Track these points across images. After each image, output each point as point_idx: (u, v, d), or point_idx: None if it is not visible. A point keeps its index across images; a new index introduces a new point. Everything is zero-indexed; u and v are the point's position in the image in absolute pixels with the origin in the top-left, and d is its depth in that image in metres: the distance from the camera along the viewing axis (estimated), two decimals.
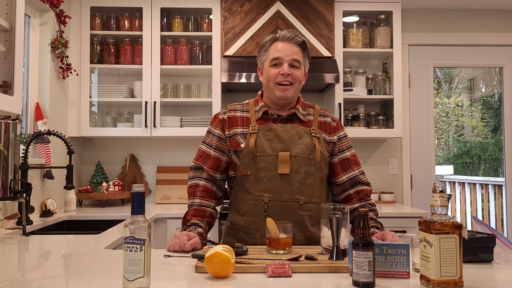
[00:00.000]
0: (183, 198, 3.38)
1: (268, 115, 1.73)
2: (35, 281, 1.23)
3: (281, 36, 1.70)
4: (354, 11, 3.35)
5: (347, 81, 3.36)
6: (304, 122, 1.73)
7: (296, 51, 1.69)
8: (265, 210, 1.61)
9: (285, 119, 1.72)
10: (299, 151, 1.64)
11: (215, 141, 1.73)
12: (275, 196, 1.62)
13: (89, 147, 3.51)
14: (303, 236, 1.63)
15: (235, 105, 1.79)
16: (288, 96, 1.68)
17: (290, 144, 1.64)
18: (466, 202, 5.10)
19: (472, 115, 5.42)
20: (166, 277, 1.22)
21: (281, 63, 1.67)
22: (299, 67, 1.70)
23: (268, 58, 1.71)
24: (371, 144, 3.63)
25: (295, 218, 1.61)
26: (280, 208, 1.61)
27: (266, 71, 1.71)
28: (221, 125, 1.74)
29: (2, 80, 1.79)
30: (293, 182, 1.62)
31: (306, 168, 1.64)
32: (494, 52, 3.73)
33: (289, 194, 1.62)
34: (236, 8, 3.18)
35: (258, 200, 1.63)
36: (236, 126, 1.71)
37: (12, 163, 1.90)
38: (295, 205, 1.62)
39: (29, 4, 2.73)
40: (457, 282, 1.08)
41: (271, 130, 1.67)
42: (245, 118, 1.73)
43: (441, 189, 1.12)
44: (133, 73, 3.43)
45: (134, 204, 1.07)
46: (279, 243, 1.42)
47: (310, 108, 1.79)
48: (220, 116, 1.76)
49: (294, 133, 1.67)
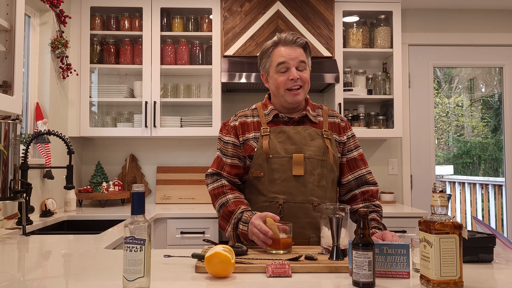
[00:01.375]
0: (183, 198, 3.38)
1: (278, 118, 1.72)
2: (35, 281, 1.23)
3: (283, 40, 1.67)
4: (354, 11, 3.35)
5: (347, 81, 3.36)
6: (315, 123, 1.72)
7: (300, 53, 1.67)
8: (280, 212, 1.61)
9: (296, 121, 1.71)
10: (312, 153, 1.64)
11: (230, 149, 1.71)
12: (290, 197, 1.61)
13: (89, 147, 3.51)
14: (317, 237, 1.61)
15: (245, 111, 1.78)
16: (299, 100, 1.68)
17: (303, 146, 1.64)
18: (466, 202, 5.10)
19: (472, 115, 5.42)
20: (166, 277, 1.22)
21: (288, 68, 1.65)
22: (306, 68, 1.69)
23: (272, 64, 1.68)
24: (371, 144, 3.63)
25: (309, 219, 1.61)
26: (295, 209, 1.61)
27: (273, 79, 1.68)
28: (234, 132, 1.72)
29: (2, 80, 1.79)
30: (307, 183, 1.62)
31: (320, 170, 1.64)
32: (494, 52, 3.73)
33: (303, 196, 1.61)
34: (236, 8, 3.18)
35: (272, 202, 1.62)
36: (248, 132, 1.70)
37: (12, 163, 1.90)
38: (309, 207, 1.62)
39: (29, 4, 2.73)
40: (457, 282, 1.08)
41: (283, 132, 1.66)
42: (256, 122, 1.72)
43: (441, 189, 1.12)
44: (133, 73, 3.43)
45: (134, 204, 1.07)
46: (279, 243, 1.42)
47: (318, 109, 1.78)
48: (231, 123, 1.75)
49: (306, 135, 1.67)
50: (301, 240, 1.60)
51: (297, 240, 1.58)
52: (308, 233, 1.61)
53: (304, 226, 1.61)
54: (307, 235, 1.61)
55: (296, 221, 1.58)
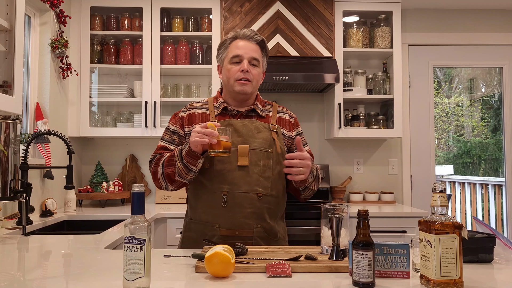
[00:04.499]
0: (183, 198, 3.37)
1: (227, 111, 1.76)
2: (35, 281, 1.23)
3: (241, 35, 1.75)
4: (354, 11, 3.35)
5: (347, 81, 3.36)
6: (263, 117, 1.77)
7: (255, 49, 1.74)
8: (224, 202, 1.62)
9: (244, 115, 1.75)
10: (258, 145, 1.67)
11: (176, 138, 1.75)
12: (234, 187, 1.63)
13: (89, 147, 3.51)
14: (262, 228, 1.64)
15: (195, 103, 1.82)
16: (247, 91, 1.72)
17: (249, 138, 1.67)
18: (466, 202, 5.10)
19: (472, 115, 5.42)
20: (166, 277, 1.22)
21: (241, 60, 1.71)
22: (258, 65, 1.75)
23: (228, 56, 1.74)
24: (371, 144, 3.63)
25: (253, 209, 1.63)
26: (239, 199, 1.62)
27: (226, 69, 1.74)
28: (180, 122, 1.76)
29: (2, 80, 1.79)
30: (251, 174, 1.63)
31: (265, 161, 1.66)
32: (494, 52, 3.73)
33: (248, 186, 1.63)
34: (236, 8, 3.18)
35: (217, 192, 1.64)
36: (196, 123, 1.73)
37: (12, 163, 1.90)
38: (254, 197, 1.63)
39: (29, 4, 2.73)
40: (457, 282, 1.08)
41: (230, 125, 1.69)
42: (204, 114, 1.76)
43: (441, 189, 1.12)
44: (133, 73, 3.43)
45: (134, 204, 1.07)
46: (220, 144, 1.50)
47: (268, 105, 1.83)
48: (180, 114, 1.79)
49: (253, 127, 1.70)
50: (246, 230, 1.62)
51: (242, 230, 1.61)
52: (252, 223, 1.63)
53: (249, 216, 1.62)
54: (251, 225, 1.63)
55: (241, 211, 1.61)
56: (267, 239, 1.66)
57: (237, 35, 1.75)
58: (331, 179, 3.57)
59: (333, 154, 3.61)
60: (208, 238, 1.61)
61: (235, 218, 1.61)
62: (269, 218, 1.66)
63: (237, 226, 1.61)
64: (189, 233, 1.72)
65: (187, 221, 1.77)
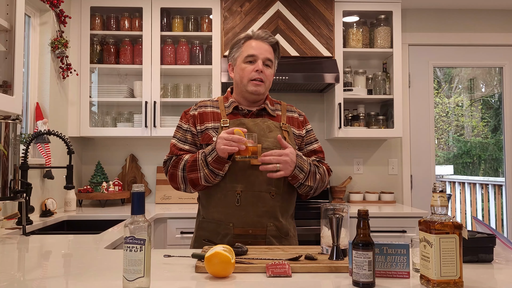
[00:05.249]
0: (183, 198, 3.38)
1: (238, 111, 1.76)
2: (35, 281, 1.23)
3: (256, 35, 1.74)
4: (354, 11, 3.35)
5: (347, 81, 3.36)
6: (273, 116, 1.77)
7: (269, 51, 1.74)
8: (238, 201, 1.63)
9: (255, 114, 1.75)
10: (270, 144, 1.67)
11: (189, 136, 1.74)
12: (247, 186, 1.63)
13: (89, 147, 3.51)
14: (275, 226, 1.65)
15: (205, 101, 1.81)
16: (260, 91, 1.72)
17: (261, 138, 1.67)
18: (466, 202, 5.10)
19: (472, 115, 5.42)
20: (166, 277, 1.22)
21: (255, 61, 1.71)
22: (271, 67, 1.75)
23: (242, 55, 1.74)
24: (371, 144, 3.63)
25: (266, 208, 1.64)
26: (253, 198, 1.63)
27: (240, 68, 1.73)
28: (192, 121, 1.75)
29: (2, 80, 1.79)
30: (264, 173, 1.63)
31: None
32: (494, 52, 3.73)
33: (261, 185, 1.64)
34: (236, 8, 3.18)
35: (230, 191, 1.64)
36: (207, 121, 1.73)
37: (12, 163, 1.90)
38: (267, 196, 1.64)
39: (29, 4, 2.73)
40: (457, 282, 1.08)
41: (242, 124, 1.69)
42: (215, 113, 1.75)
43: (441, 189, 1.12)
44: (133, 73, 3.43)
45: (134, 204, 1.07)
46: (248, 150, 1.50)
47: (277, 105, 1.84)
48: (191, 112, 1.78)
49: (265, 127, 1.71)
50: (259, 229, 1.63)
51: (255, 228, 1.62)
52: (265, 221, 1.63)
53: (262, 215, 1.63)
54: (264, 223, 1.64)
55: (254, 210, 1.62)
56: (279, 237, 1.67)
57: (252, 35, 1.74)
58: (331, 179, 3.57)
59: (333, 154, 3.61)
60: (221, 237, 1.61)
61: (249, 217, 1.62)
62: (281, 217, 1.68)
63: (251, 225, 1.62)
64: (202, 232, 1.71)
65: (199, 220, 1.77)
